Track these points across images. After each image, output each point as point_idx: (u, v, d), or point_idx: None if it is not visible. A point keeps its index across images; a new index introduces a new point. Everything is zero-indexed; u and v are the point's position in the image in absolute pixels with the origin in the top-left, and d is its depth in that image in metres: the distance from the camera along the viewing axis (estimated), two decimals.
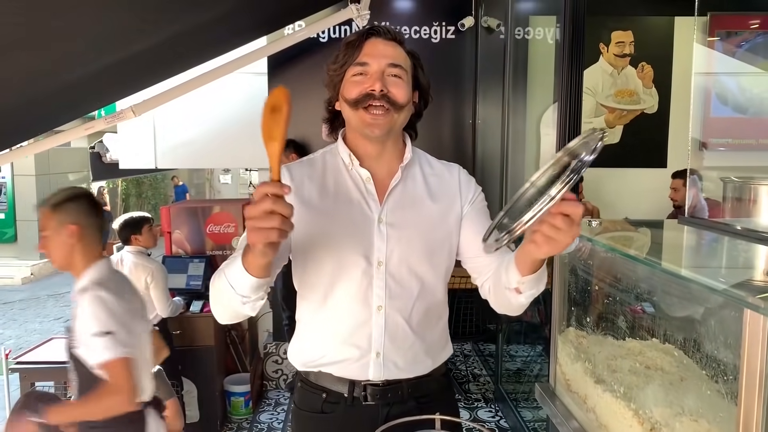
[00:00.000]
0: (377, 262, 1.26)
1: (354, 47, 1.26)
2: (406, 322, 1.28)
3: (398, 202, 1.29)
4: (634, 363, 1.39)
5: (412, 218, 1.29)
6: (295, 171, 1.32)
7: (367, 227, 1.27)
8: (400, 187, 1.30)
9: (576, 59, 2.36)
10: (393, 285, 1.26)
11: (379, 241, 1.26)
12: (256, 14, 3.21)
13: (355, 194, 1.29)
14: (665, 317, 1.47)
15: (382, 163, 1.31)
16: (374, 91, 1.21)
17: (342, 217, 1.27)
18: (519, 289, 1.12)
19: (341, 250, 1.26)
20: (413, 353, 1.30)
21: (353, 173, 1.31)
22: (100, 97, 3.27)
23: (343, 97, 1.27)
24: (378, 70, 1.23)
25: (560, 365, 1.63)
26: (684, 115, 4.44)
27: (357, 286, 1.26)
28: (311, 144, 4.08)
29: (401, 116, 1.26)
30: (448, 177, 1.36)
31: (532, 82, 4.20)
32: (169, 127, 4.41)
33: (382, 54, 1.24)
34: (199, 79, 3.21)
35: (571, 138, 2.41)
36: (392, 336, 1.27)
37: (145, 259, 3.40)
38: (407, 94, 1.25)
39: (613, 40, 4.40)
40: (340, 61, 1.27)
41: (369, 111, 1.22)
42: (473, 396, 3.78)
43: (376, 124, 1.22)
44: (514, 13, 3.95)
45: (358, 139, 1.30)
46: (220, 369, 3.96)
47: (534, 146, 4.33)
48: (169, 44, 2.80)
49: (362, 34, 1.27)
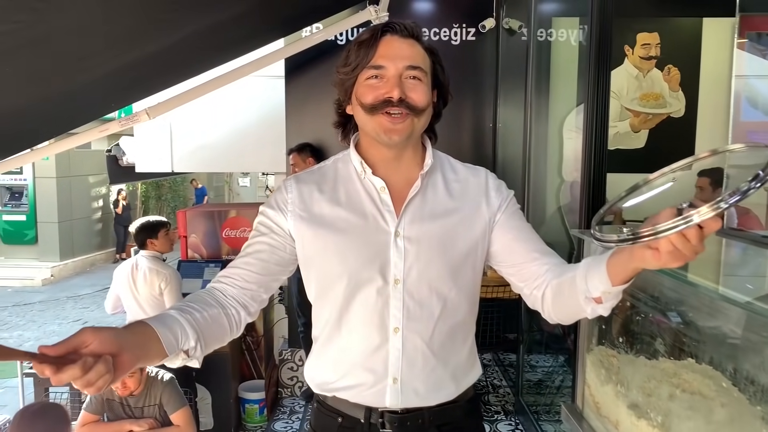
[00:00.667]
0: (394, 280, 1.16)
1: (368, 47, 1.14)
2: (426, 345, 1.18)
3: (417, 213, 1.19)
4: (670, 386, 1.29)
5: (433, 231, 1.18)
6: (304, 182, 1.23)
7: (383, 242, 1.16)
8: (420, 197, 1.20)
9: (603, 61, 2.27)
10: (411, 305, 1.16)
11: (396, 257, 1.16)
12: (273, 16, 3.17)
13: (368, 206, 1.19)
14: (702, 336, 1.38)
15: (399, 171, 1.21)
16: (392, 97, 1.11)
17: (355, 232, 1.17)
18: (602, 299, 1.02)
19: (354, 268, 1.16)
20: (435, 379, 1.20)
21: (366, 182, 1.21)
22: (116, 99, 3.25)
23: (357, 100, 1.16)
24: (395, 74, 1.12)
25: (588, 386, 1.53)
26: (712, 119, 4.30)
27: (372, 307, 1.16)
28: (329, 148, 4.02)
29: (421, 120, 1.16)
30: (473, 182, 1.25)
31: (555, 84, 4.09)
32: (186, 130, 4.39)
33: (399, 55, 1.13)
34: (215, 81, 3.16)
35: (598, 142, 2.33)
36: (411, 360, 1.17)
37: (160, 265, 3.37)
38: (427, 98, 1.16)
39: (639, 42, 4.27)
40: (353, 62, 1.16)
41: (387, 116, 1.12)
42: (493, 408, 3.68)
43: (395, 130, 1.12)
44: (537, 15, 3.85)
45: (372, 145, 1.21)
46: (234, 376, 3.92)
47: (556, 150, 4.22)
48: (185, 45, 2.77)
49: (376, 32, 1.15)
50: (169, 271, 3.36)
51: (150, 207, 13.75)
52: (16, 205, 11.06)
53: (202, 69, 3.38)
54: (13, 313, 8.39)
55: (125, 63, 2.62)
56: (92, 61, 2.42)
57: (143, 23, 2.26)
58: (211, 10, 2.54)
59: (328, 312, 1.20)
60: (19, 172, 10.72)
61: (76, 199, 11.44)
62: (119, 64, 2.61)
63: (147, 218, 3.56)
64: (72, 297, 9.29)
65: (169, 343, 0.98)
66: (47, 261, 10.78)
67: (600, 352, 1.54)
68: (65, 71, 2.37)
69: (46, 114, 2.83)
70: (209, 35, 2.84)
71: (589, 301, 1.03)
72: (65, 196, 11.15)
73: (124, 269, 3.41)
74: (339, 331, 1.20)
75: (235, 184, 17.49)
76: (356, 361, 1.19)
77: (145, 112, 3.03)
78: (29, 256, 10.96)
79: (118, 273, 3.44)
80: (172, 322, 1.01)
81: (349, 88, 1.18)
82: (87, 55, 2.29)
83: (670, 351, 1.45)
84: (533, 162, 3.70)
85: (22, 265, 10.61)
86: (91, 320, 7.79)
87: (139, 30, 2.33)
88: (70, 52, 2.15)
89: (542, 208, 4.12)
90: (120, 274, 3.42)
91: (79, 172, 11.48)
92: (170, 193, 14.43)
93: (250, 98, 4.33)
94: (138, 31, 2.33)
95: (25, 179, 10.92)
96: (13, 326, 7.73)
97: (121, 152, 4.95)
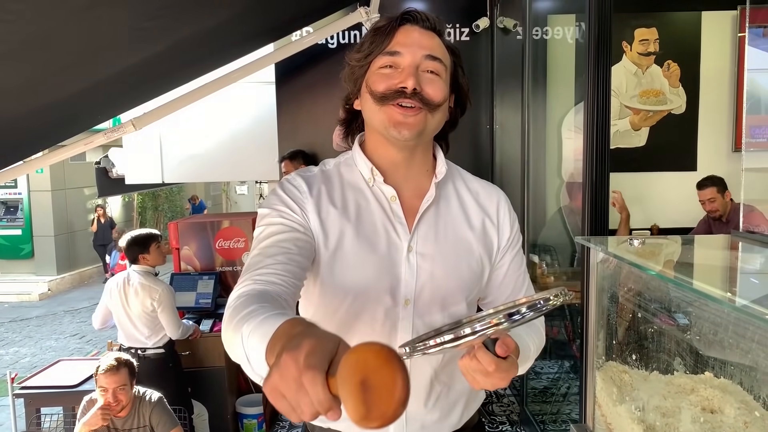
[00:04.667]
0: (404, 300, 1.04)
1: (384, 34, 1.03)
2: (434, 372, 1.07)
3: (431, 226, 1.08)
4: (689, 405, 1.19)
5: (448, 247, 1.07)
6: (312, 184, 1.08)
7: (394, 258, 1.05)
8: (433, 208, 1.09)
9: (603, 57, 2.18)
10: (421, 328, 1.05)
11: (407, 275, 1.05)
12: (262, 20, 3.08)
13: (379, 217, 1.07)
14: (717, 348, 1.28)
15: (409, 178, 1.09)
16: (406, 88, 0.99)
17: (365, 244, 1.04)
18: None
19: (361, 286, 1.03)
20: (443, 407, 1.10)
21: (375, 190, 1.08)
22: (104, 110, 3.17)
23: (368, 88, 1.04)
24: (412, 63, 1.01)
25: (600, 406, 1.44)
26: (714, 115, 4.21)
27: (378, 330, 1.04)
28: (320, 155, 3.93)
29: (436, 118, 1.04)
30: (486, 202, 1.15)
31: (552, 83, 4.01)
32: (176, 140, 4.31)
33: (417, 43, 1.02)
34: (203, 89, 3.07)
35: (600, 141, 2.23)
36: (418, 389, 1.07)
37: (153, 281, 3.27)
38: (444, 94, 1.04)
39: (637, 38, 4.19)
40: (366, 49, 1.05)
41: (398, 107, 1.00)
42: (498, 419, 3.58)
43: (406, 123, 1.00)
44: (532, 13, 3.77)
45: (380, 144, 1.08)
46: (231, 390, 3.82)
47: (555, 150, 4.13)
48: (172, 53, 2.69)
49: (395, 20, 1.04)
50: (162, 287, 3.27)
51: (147, 218, 13.64)
52: (11, 220, 10.96)
53: (191, 77, 3.30)
54: (9, 329, 8.27)
55: (109, 74, 2.54)
56: (74, 72, 2.34)
57: (126, 31, 2.18)
58: (197, 16, 2.45)
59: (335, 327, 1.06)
60: (13, 186, 10.63)
61: (71, 212, 11.34)
62: (103, 76, 2.53)
63: (138, 232, 3.46)
64: (69, 311, 9.18)
65: None
66: (44, 275, 10.67)
67: (610, 369, 1.45)
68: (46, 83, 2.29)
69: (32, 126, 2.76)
70: (196, 42, 2.76)
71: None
72: (61, 209, 11.05)
73: (115, 283, 3.31)
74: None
75: (233, 193, 17.40)
76: None
77: (131, 123, 2.94)
78: (26, 270, 10.86)
79: (109, 287, 3.35)
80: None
81: (360, 78, 1.07)
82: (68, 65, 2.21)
83: (684, 364, 1.35)
84: (532, 163, 3.62)
85: (19, 280, 10.50)
86: (89, 334, 7.68)
87: (122, 38, 2.25)
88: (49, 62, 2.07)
89: (542, 209, 4.03)
90: (111, 289, 3.32)
91: (74, 185, 11.38)
92: (167, 203, 14.32)
93: (241, 105, 4.25)
94: (121, 39, 2.25)
95: (20, 193, 10.82)
96: (9, 342, 7.62)
97: (110, 164, 4.86)
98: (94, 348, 6.93)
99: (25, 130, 2.74)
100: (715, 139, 4.22)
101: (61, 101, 2.58)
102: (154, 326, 3.26)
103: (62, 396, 3.36)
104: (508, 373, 0.85)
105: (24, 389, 3.36)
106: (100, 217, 10.83)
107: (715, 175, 3.67)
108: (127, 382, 2.61)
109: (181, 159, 4.33)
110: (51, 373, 3.55)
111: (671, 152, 4.23)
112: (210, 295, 3.79)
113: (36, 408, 3.35)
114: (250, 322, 0.76)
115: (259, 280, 0.91)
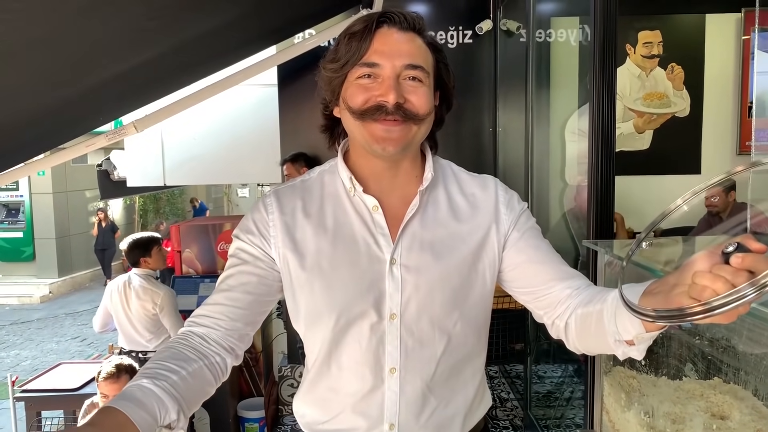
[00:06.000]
0: (390, 315, 1.01)
1: (360, 40, 0.97)
2: (427, 387, 1.03)
3: (417, 237, 1.02)
4: (698, 411, 1.17)
5: (435, 256, 1.02)
6: (286, 201, 1.06)
7: (377, 271, 1.01)
8: (419, 217, 1.04)
9: (608, 59, 2.16)
10: (410, 342, 1.01)
11: (392, 288, 1.00)
12: (264, 22, 3.07)
13: (359, 229, 1.03)
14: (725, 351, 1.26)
15: (394, 187, 1.05)
16: (387, 102, 0.94)
17: (344, 262, 1.01)
18: (634, 342, 0.85)
19: (344, 303, 1.00)
20: (438, 422, 1.05)
21: (356, 200, 1.04)
22: (105, 112, 3.15)
23: (345, 103, 1.00)
24: (392, 74, 0.95)
25: (608, 412, 1.41)
26: (718, 118, 4.19)
27: (365, 345, 1.01)
28: (322, 158, 3.92)
29: (422, 129, 0.99)
30: (481, 196, 1.08)
31: (556, 86, 3.99)
32: (178, 142, 4.29)
33: (396, 52, 0.95)
34: (204, 91, 3.06)
35: (605, 144, 2.21)
36: (410, 404, 1.03)
37: (154, 284, 3.26)
38: (428, 103, 0.98)
39: (640, 41, 4.17)
40: (342, 57, 0.99)
41: (380, 122, 0.95)
42: (501, 424, 3.55)
43: (389, 139, 0.96)
44: (535, 15, 3.75)
45: (363, 155, 1.04)
46: (232, 393, 3.79)
47: (559, 153, 4.11)
48: (174, 54, 2.67)
49: (370, 23, 0.97)
50: (164, 290, 3.26)
51: (149, 221, 13.63)
52: (12, 222, 10.97)
53: (192, 79, 3.29)
54: (10, 331, 8.27)
55: (111, 75, 2.53)
56: (75, 73, 2.33)
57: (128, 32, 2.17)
58: (199, 17, 2.44)
59: (317, 347, 1.06)
60: (15, 188, 10.64)
61: (73, 215, 11.35)
62: (104, 77, 2.52)
63: (139, 235, 3.46)
64: (71, 314, 9.17)
65: (147, 425, 0.81)
66: (45, 278, 10.68)
67: (618, 373, 1.43)
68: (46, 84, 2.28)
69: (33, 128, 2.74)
70: (198, 44, 2.75)
71: (620, 343, 0.88)
72: (62, 212, 11.06)
73: (115, 287, 3.30)
74: (329, 370, 1.06)
75: (234, 195, 17.38)
76: (347, 402, 1.05)
77: (132, 125, 2.92)
78: (27, 273, 10.87)
79: (110, 290, 3.33)
80: (147, 397, 0.84)
81: (337, 88, 1.02)
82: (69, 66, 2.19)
83: (694, 369, 1.33)
84: (536, 166, 3.60)
85: (20, 283, 10.51)
86: (90, 337, 7.66)
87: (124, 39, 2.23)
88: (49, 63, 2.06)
89: (546, 214, 4.01)
90: (111, 292, 3.31)
91: (75, 187, 11.39)
92: (168, 206, 14.31)
93: (243, 108, 4.23)
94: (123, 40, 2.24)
95: (22, 195, 10.84)
96: (10, 345, 7.62)
97: (112, 166, 4.86)
98: (95, 351, 6.92)
99: (25, 132, 2.73)
100: (720, 142, 4.20)
101: (62, 102, 2.57)
102: (156, 329, 3.25)
103: (63, 399, 3.34)
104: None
105: (25, 392, 3.34)
106: (101, 220, 10.75)
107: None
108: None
109: (183, 161, 4.32)
110: (52, 376, 3.53)
111: (675, 155, 4.21)
112: None
113: (37, 411, 3.33)
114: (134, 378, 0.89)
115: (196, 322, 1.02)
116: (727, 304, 0.61)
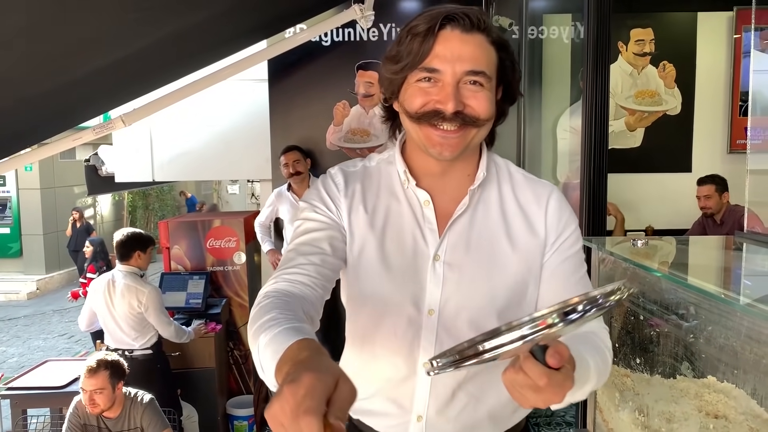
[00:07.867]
0: (428, 310, 1.00)
1: (422, 42, 0.93)
2: (458, 384, 1.01)
3: (463, 235, 1.01)
4: (693, 410, 1.16)
5: (479, 258, 1.00)
6: (350, 181, 1.05)
7: (419, 265, 1.00)
8: (467, 216, 1.02)
9: (602, 57, 2.15)
10: (446, 339, 0.99)
11: (432, 284, 0.99)
12: (255, 16, 3.04)
13: (408, 221, 1.02)
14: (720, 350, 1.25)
15: (447, 182, 1.03)
16: (445, 110, 0.91)
17: (389, 251, 1.01)
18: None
19: (383, 293, 1.00)
20: (468, 420, 1.03)
21: (409, 193, 1.03)
22: (91, 106, 3.11)
23: (402, 106, 0.98)
24: (452, 81, 0.92)
25: (601, 411, 1.40)
26: (709, 116, 4.20)
27: (401, 337, 1.00)
28: (314, 152, 3.90)
29: (481, 132, 0.97)
30: (533, 202, 1.04)
31: (548, 83, 3.98)
32: (167, 137, 4.25)
33: (458, 57, 0.91)
34: (194, 85, 3.02)
35: (598, 142, 2.20)
36: (440, 399, 1.01)
37: (139, 282, 3.20)
38: (489, 107, 0.95)
39: (632, 39, 4.17)
40: (402, 60, 0.95)
41: (437, 127, 0.93)
42: None
43: (446, 144, 0.94)
44: (528, 12, 3.74)
45: (418, 152, 1.02)
46: (221, 391, 3.77)
47: (550, 150, 4.11)
48: (162, 47, 2.63)
49: (433, 24, 0.93)
50: (149, 288, 3.20)
51: (137, 217, 13.52)
52: (0, 218, 10.85)
53: (182, 73, 3.25)
54: None
55: (97, 67, 2.49)
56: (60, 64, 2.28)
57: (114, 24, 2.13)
58: (187, 9, 2.40)
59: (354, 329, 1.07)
60: (2, 184, 10.52)
61: (61, 211, 11.21)
62: (90, 69, 2.48)
63: (139, 230, 3.42)
64: (58, 311, 9.08)
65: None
66: (32, 274, 10.56)
67: (612, 372, 1.41)
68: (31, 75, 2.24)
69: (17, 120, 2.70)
70: (187, 37, 2.71)
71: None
72: (50, 208, 10.94)
73: (99, 285, 3.24)
74: (363, 354, 1.06)
75: (224, 192, 17.30)
76: (379, 387, 1.05)
77: (120, 119, 2.88)
78: (14, 269, 10.74)
79: (94, 288, 3.28)
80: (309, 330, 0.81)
81: (397, 88, 0.99)
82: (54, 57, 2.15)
83: (689, 367, 1.32)
84: (527, 163, 3.59)
85: (7, 279, 10.39)
86: (77, 334, 7.58)
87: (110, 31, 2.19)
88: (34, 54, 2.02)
89: None
90: (96, 290, 3.25)
91: (63, 183, 11.27)
92: (157, 202, 14.20)
93: (233, 103, 4.20)
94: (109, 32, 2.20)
95: (9, 191, 10.71)
96: None
97: (100, 162, 4.80)
98: (82, 348, 6.85)
99: (10, 124, 2.68)
100: (710, 140, 4.21)
101: (47, 94, 2.52)
102: (141, 328, 3.20)
103: (49, 397, 3.30)
104: (563, 388, 0.72)
105: (10, 390, 3.29)
106: (75, 221, 9.90)
107: (718, 175, 3.68)
108: (105, 385, 2.53)
109: (172, 157, 4.27)
110: (38, 373, 3.48)
111: (666, 153, 4.21)
112: (200, 295, 3.74)
113: (23, 409, 3.28)
114: (266, 333, 0.78)
115: (288, 279, 0.93)
116: (493, 348, 0.67)
